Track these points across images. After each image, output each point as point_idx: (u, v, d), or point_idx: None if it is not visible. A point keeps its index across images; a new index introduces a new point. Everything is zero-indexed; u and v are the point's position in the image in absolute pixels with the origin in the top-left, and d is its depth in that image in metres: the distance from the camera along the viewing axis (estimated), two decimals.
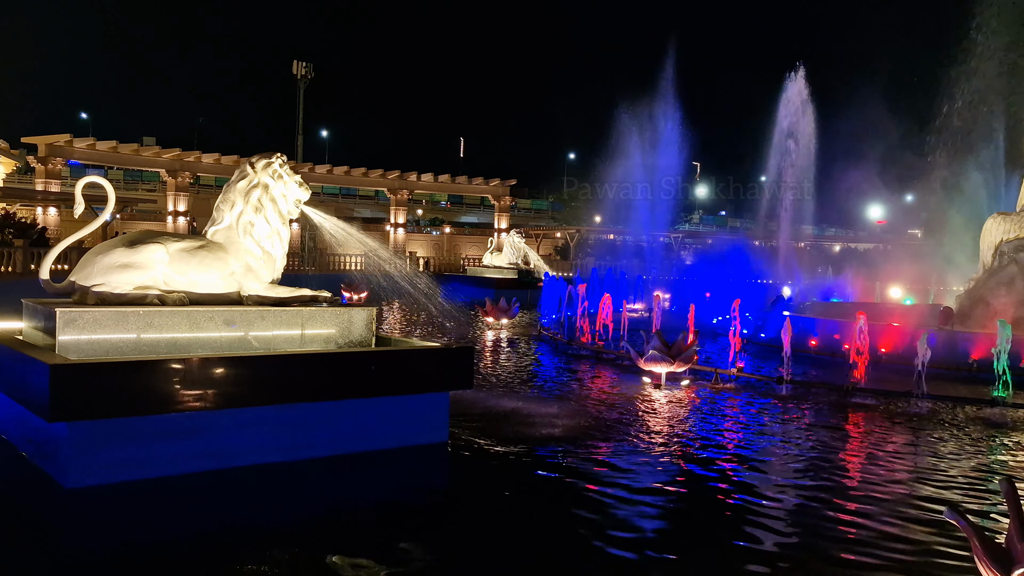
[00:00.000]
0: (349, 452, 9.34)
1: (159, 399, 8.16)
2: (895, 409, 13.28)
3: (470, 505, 8.27)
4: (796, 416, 12.71)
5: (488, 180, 65.43)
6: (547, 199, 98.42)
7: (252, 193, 9.87)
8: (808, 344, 18.89)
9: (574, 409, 12.74)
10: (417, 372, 10.16)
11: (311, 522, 7.51)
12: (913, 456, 10.31)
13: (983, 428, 12.10)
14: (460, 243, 74.42)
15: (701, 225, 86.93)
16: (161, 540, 6.95)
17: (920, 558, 6.71)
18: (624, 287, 31.70)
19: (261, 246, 9.85)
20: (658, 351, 14.85)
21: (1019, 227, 20.77)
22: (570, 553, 6.85)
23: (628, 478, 8.95)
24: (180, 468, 8.30)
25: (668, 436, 11.09)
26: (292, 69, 77.44)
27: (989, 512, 8.05)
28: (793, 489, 8.81)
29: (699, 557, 6.81)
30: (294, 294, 10.02)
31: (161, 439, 8.23)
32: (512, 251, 47.58)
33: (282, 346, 9.61)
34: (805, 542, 7.13)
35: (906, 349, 16.15)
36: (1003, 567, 4.92)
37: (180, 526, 7.32)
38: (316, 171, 58.64)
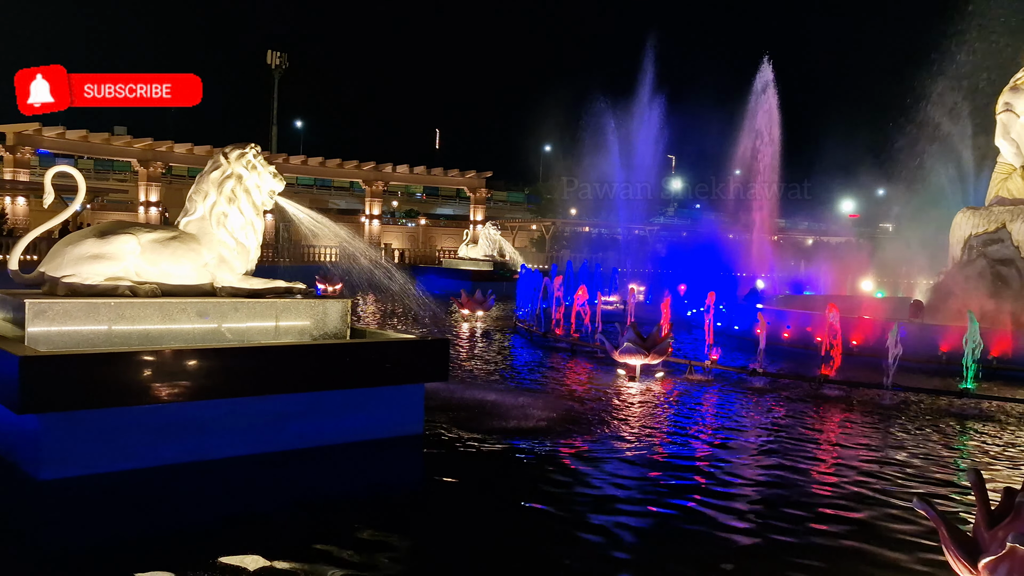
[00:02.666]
0: (324, 444, 9.32)
1: (131, 391, 8.08)
2: (866, 400, 13.45)
3: (445, 497, 8.28)
4: (768, 408, 12.83)
5: (464, 172, 65.37)
6: (523, 191, 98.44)
7: (226, 184, 9.80)
8: (781, 336, 19.06)
9: (549, 401, 12.77)
10: (392, 364, 10.13)
11: (284, 514, 7.49)
12: (883, 447, 10.45)
13: (952, 419, 12.28)
14: (436, 235, 74.30)
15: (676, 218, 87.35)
16: (133, 532, 6.90)
17: (890, 548, 6.80)
18: (599, 279, 31.79)
19: (235, 237, 9.79)
20: (633, 343, 14.92)
21: (987, 221, 21.07)
22: (545, 544, 6.87)
23: (603, 469, 9.00)
24: (153, 460, 8.24)
25: (642, 427, 11.15)
26: (266, 59, 76.85)
27: (957, 502, 8.18)
28: (766, 479, 8.90)
29: (674, 547, 6.86)
30: (268, 286, 9.96)
31: (133, 431, 8.16)
32: (488, 243, 47.58)
33: (256, 338, 9.55)
34: (777, 532, 7.20)
35: (877, 341, 16.34)
36: (970, 556, 5.01)
37: (152, 518, 7.26)
38: (291, 162, 58.31)
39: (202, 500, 7.80)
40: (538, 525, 7.33)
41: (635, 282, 32.40)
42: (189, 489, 8.01)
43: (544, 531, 7.16)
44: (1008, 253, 20.50)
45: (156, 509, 7.50)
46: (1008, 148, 21.47)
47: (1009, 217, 20.62)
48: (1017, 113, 21.26)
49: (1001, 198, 21.50)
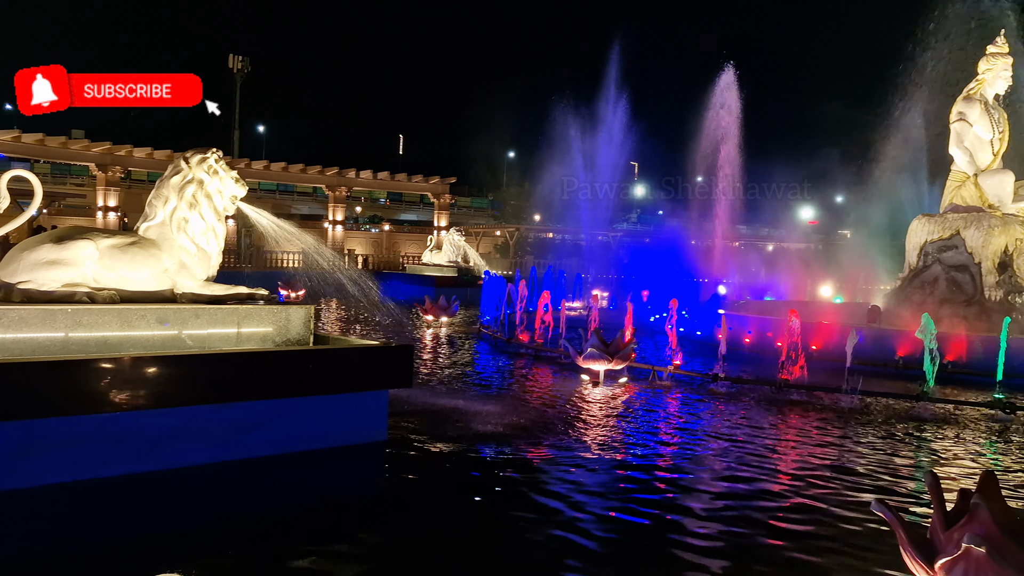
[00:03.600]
0: (286, 452, 9.24)
1: (88, 399, 7.96)
2: (826, 405, 13.64)
3: (408, 504, 8.24)
4: (731, 412, 12.96)
5: (428, 178, 65.16)
6: (487, 197, 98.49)
7: (186, 189, 9.70)
8: (743, 341, 19.27)
9: (513, 407, 12.78)
10: (356, 371, 10.09)
11: (244, 523, 7.41)
12: (842, 450, 10.60)
13: (909, 422, 12.51)
14: (399, 241, 73.97)
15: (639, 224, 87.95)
16: (88, 544, 6.78)
17: (849, 549, 6.91)
18: (563, 285, 31.89)
19: (196, 243, 9.69)
20: (597, 349, 14.99)
21: (942, 228, 21.50)
22: (510, 549, 6.87)
23: (567, 475, 9.02)
24: (111, 470, 8.11)
25: (606, 433, 11.21)
26: (228, 63, 76.05)
27: (914, 504, 8.33)
28: (728, 483, 8.99)
29: (638, 553, 6.90)
30: (230, 292, 9.86)
31: (91, 440, 8.02)
32: (452, 249, 47.51)
33: (217, 345, 9.45)
34: (740, 536, 7.28)
35: (836, 346, 16.60)
36: (927, 557, 5.11)
37: (109, 530, 7.14)
38: (253, 167, 57.66)
39: (162, 511, 7.68)
40: (502, 530, 7.33)
41: (599, 288, 32.58)
42: (148, 500, 7.89)
43: (508, 536, 7.17)
44: (962, 259, 20.94)
45: (113, 520, 7.38)
46: (962, 157, 21.94)
47: (963, 224, 21.06)
48: (970, 122, 21.75)
49: (955, 205, 21.96)
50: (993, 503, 4.94)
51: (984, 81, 21.88)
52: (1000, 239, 20.50)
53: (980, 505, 4.83)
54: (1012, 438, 11.74)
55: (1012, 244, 20.60)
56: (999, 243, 20.50)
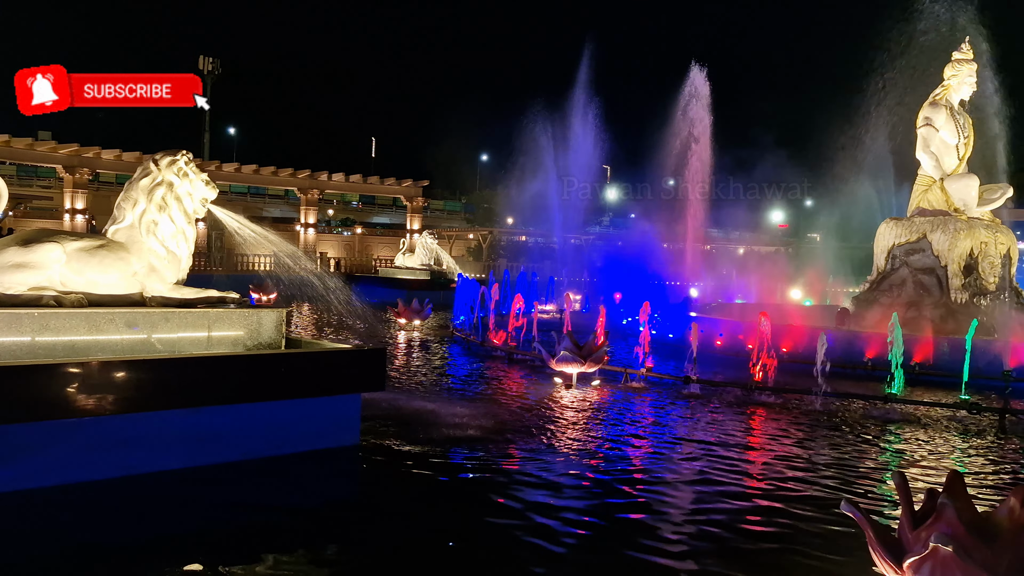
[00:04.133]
0: (258, 456, 9.16)
1: (56, 404, 7.85)
2: (796, 406, 13.77)
3: (381, 508, 8.21)
4: (703, 414, 13.04)
5: (400, 180, 64.99)
6: (460, 200, 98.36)
7: (156, 191, 9.59)
8: (714, 344, 19.39)
9: (486, 410, 12.78)
10: (328, 374, 10.03)
11: (215, 529, 7.34)
12: (812, 451, 10.71)
13: (878, 423, 12.66)
14: (372, 244, 73.68)
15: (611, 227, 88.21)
16: (55, 551, 6.68)
17: (819, 550, 6.98)
18: (536, 288, 31.94)
19: (165, 246, 9.58)
20: (569, 352, 15.03)
21: (909, 232, 21.78)
22: (482, 552, 6.87)
23: (540, 478, 9.03)
24: (80, 476, 8.00)
25: (579, 436, 11.23)
26: (198, 64, 75.37)
27: (883, 504, 8.43)
28: (699, 486, 9.04)
29: (610, 556, 6.92)
30: (200, 295, 9.77)
31: (59, 446, 7.91)
32: (424, 252, 47.43)
33: (188, 349, 9.35)
34: (711, 539, 7.33)
35: (806, 348, 16.76)
36: (895, 556, 5.17)
37: (77, 537, 7.05)
38: (224, 169, 57.17)
39: (132, 517, 7.59)
40: (475, 533, 7.32)
41: (571, 291, 32.65)
42: (117, 505, 7.79)
43: (481, 539, 7.16)
44: (929, 262, 21.22)
45: (82, 527, 7.28)
46: (928, 161, 22.25)
47: (930, 227, 21.35)
48: (936, 127, 22.05)
49: (922, 209, 22.26)
50: (959, 502, 5.02)
51: (950, 87, 22.21)
52: (966, 242, 20.81)
53: (947, 504, 4.90)
54: (978, 438, 11.92)
55: (977, 247, 20.92)
56: (965, 246, 20.81)
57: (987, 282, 20.87)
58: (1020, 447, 11.48)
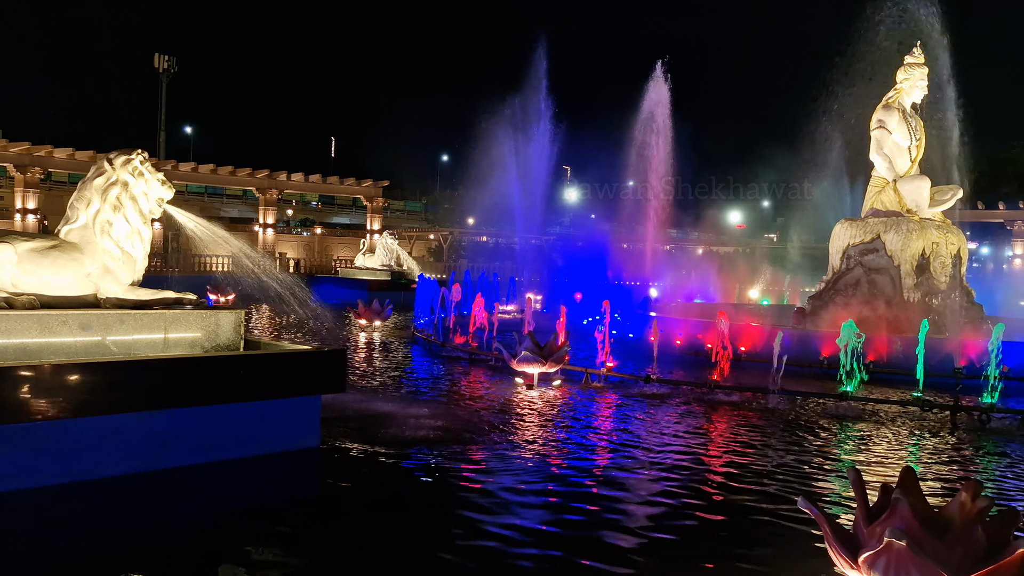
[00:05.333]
0: (217, 460, 9.04)
1: (7, 408, 7.66)
2: (754, 405, 13.95)
3: (341, 511, 8.16)
4: (662, 413, 13.14)
5: (360, 181, 64.58)
6: (420, 201, 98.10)
7: (110, 191, 9.42)
8: (674, 343, 19.57)
9: (448, 411, 12.76)
10: (288, 376, 9.94)
11: (172, 533, 7.24)
12: (770, 449, 10.85)
13: (834, 421, 12.87)
14: (332, 244, 73.15)
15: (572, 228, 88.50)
16: (7, 558, 6.54)
17: (777, 546, 7.07)
18: (497, 289, 31.95)
19: (120, 246, 9.42)
20: (530, 352, 15.06)
21: (864, 232, 22.15)
22: (441, 554, 6.85)
23: (502, 478, 9.04)
24: (31, 482, 7.82)
25: (541, 436, 11.26)
26: (153, 62, 74.27)
27: (839, 499, 8.57)
28: (661, 484, 9.11)
29: (568, 557, 6.94)
30: (156, 296, 9.62)
31: (10, 451, 7.73)
32: (385, 253, 47.23)
33: (143, 351, 9.21)
34: (672, 538, 7.39)
35: (764, 347, 16.98)
36: (851, 551, 5.26)
37: (31, 543, 6.90)
38: (180, 169, 56.32)
39: (87, 522, 7.45)
40: (434, 535, 7.29)
41: (532, 291, 32.71)
42: (73, 512, 7.64)
43: (440, 541, 7.14)
44: (882, 262, 21.61)
45: (35, 533, 7.14)
46: (881, 163, 22.65)
47: (883, 228, 21.74)
48: (889, 130, 22.46)
49: (876, 210, 22.65)
50: (913, 497, 5.12)
51: (902, 90, 22.64)
52: (918, 243, 21.22)
53: (901, 500, 5.00)
54: (930, 435, 12.16)
55: (929, 248, 21.34)
56: (917, 246, 21.22)
57: (939, 282, 21.30)
58: (970, 443, 11.74)
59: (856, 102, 25.82)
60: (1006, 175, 66.87)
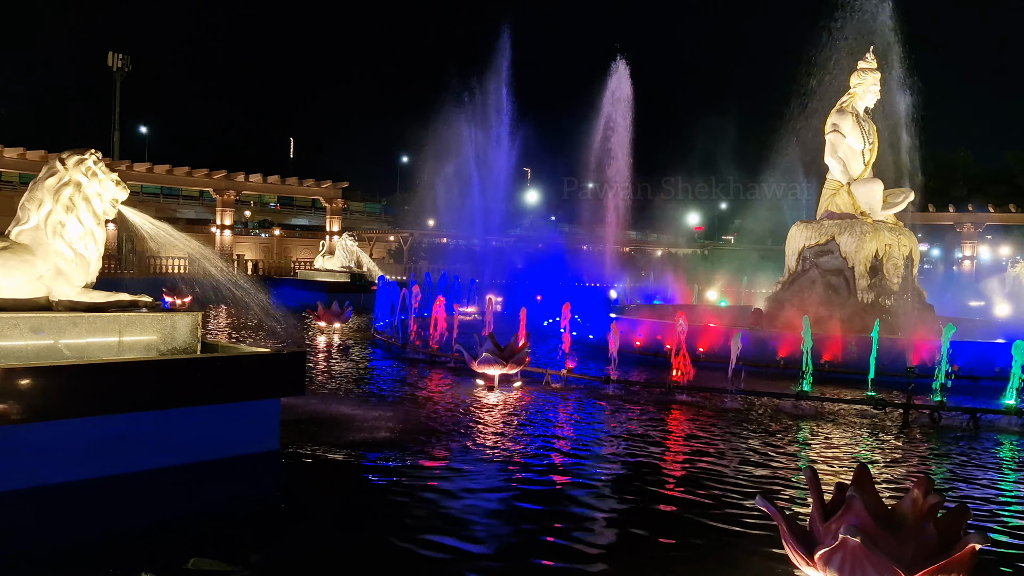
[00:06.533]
0: (174, 464, 8.90)
1: None
2: (712, 405, 14.10)
3: (302, 513, 8.10)
4: (622, 414, 13.23)
5: (320, 182, 64.09)
6: (380, 202, 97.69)
7: (63, 191, 9.24)
8: (633, 344, 19.70)
9: (408, 413, 12.71)
10: (246, 379, 9.83)
11: (127, 539, 7.11)
12: (728, 448, 10.97)
13: (790, 420, 13.05)
14: (291, 246, 72.52)
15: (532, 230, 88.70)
16: None
17: (735, 545, 7.16)
18: (457, 290, 31.91)
19: (73, 248, 9.24)
20: (491, 353, 15.06)
21: (819, 234, 22.51)
22: (402, 557, 6.82)
23: (462, 480, 9.03)
24: None
25: (501, 437, 11.27)
26: (107, 61, 72.99)
27: (795, 498, 8.70)
28: (619, 484, 9.18)
29: (529, 556, 6.96)
30: (110, 299, 9.46)
31: None
32: (345, 254, 46.89)
33: (97, 354, 9.04)
34: (631, 538, 7.44)
35: (722, 348, 17.16)
36: (807, 548, 5.35)
37: None
38: (135, 169, 55.43)
39: (39, 529, 7.29)
40: (393, 538, 7.27)
41: (492, 293, 32.72)
42: (25, 519, 7.48)
43: (399, 544, 7.11)
44: (837, 264, 21.97)
45: None
46: (836, 166, 23.04)
47: (838, 230, 22.11)
48: (843, 133, 22.85)
49: (830, 212, 23.03)
50: (867, 495, 5.22)
51: (855, 95, 23.04)
52: (871, 244, 21.61)
53: (855, 497, 5.09)
54: (883, 433, 12.40)
55: (882, 249, 21.74)
56: (870, 248, 21.61)
57: (891, 283, 21.71)
58: (922, 440, 11.99)
59: (812, 106, 26.23)
60: (956, 178, 68.45)
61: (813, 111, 25.81)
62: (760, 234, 38.85)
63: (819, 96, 25.57)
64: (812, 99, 26.20)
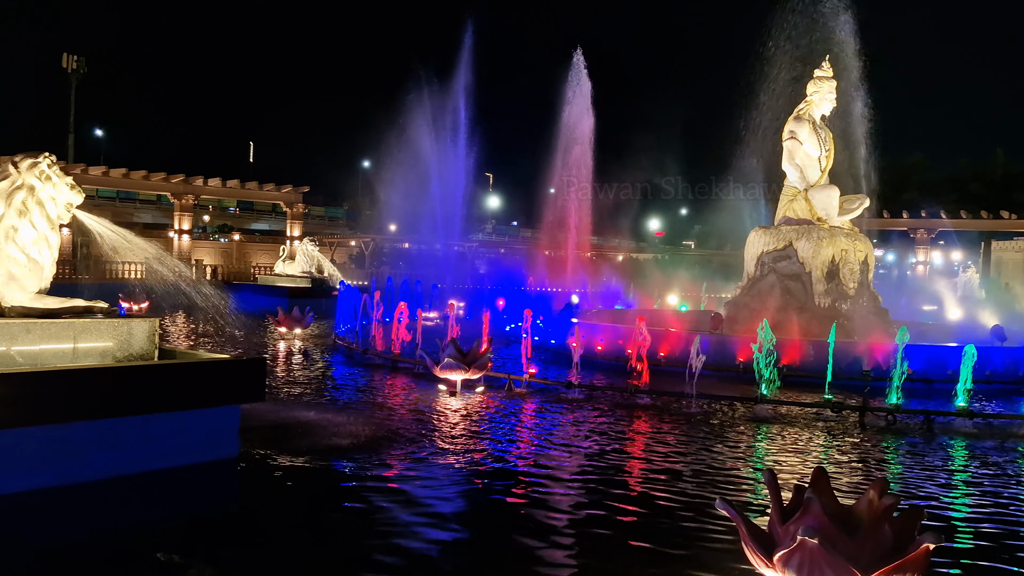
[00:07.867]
0: (133, 472, 8.76)
1: None
2: (673, 408, 14.20)
3: (262, 521, 8.01)
4: (584, 418, 13.28)
5: (280, 186, 63.49)
6: (342, 207, 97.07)
7: (15, 195, 9.05)
8: (595, 349, 19.78)
9: (370, 418, 12.64)
10: (205, 385, 9.71)
11: (84, 550, 6.98)
12: (688, 451, 11.06)
13: (750, 423, 13.20)
14: (251, 251, 71.69)
15: (494, 235, 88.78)
16: None
17: (696, 546, 7.22)
18: (419, 296, 31.79)
19: (26, 253, 9.06)
20: (453, 359, 15.03)
21: (777, 240, 22.80)
22: (363, 565, 6.78)
23: (424, 486, 9.00)
24: None
25: (463, 442, 11.25)
26: (62, 62, 71.70)
27: (754, 500, 8.80)
28: (582, 489, 9.21)
29: (493, 561, 6.96)
30: (65, 305, 9.28)
31: None
32: (305, 259, 46.51)
33: (51, 361, 8.87)
34: (594, 537, 7.47)
35: (682, 352, 17.30)
36: (766, 550, 5.41)
37: None
38: (90, 173, 54.44)
39: None
40: (354, 546, 7.23)
41: (455, 298, 32.65)
42: None
43: (360, 550, 7.07)
44: (795, 269, 22.28)
45: None
46: (793, 172, 23.37)
47: (795, 236, 22.42)
48: (800, 140, 23.19)
49: (788, 218, 23.34)
50: (825, 497, 5.29)
51: (812, 102, 23.40)
52: (828, 250, 21.95)
53: (813, 499, 5.16)
54: (841, 435, 12.58)
55: (838, 255, 22.08)
56: (827, 253, 21.95)
57: (847, 287, 22.06)
58: (878, 442, 12.20)
59: (770, 113, 26.60)
60: (909, 184, 69.80)
61: (772, 118, 26.18)
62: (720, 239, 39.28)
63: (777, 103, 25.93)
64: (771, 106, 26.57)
